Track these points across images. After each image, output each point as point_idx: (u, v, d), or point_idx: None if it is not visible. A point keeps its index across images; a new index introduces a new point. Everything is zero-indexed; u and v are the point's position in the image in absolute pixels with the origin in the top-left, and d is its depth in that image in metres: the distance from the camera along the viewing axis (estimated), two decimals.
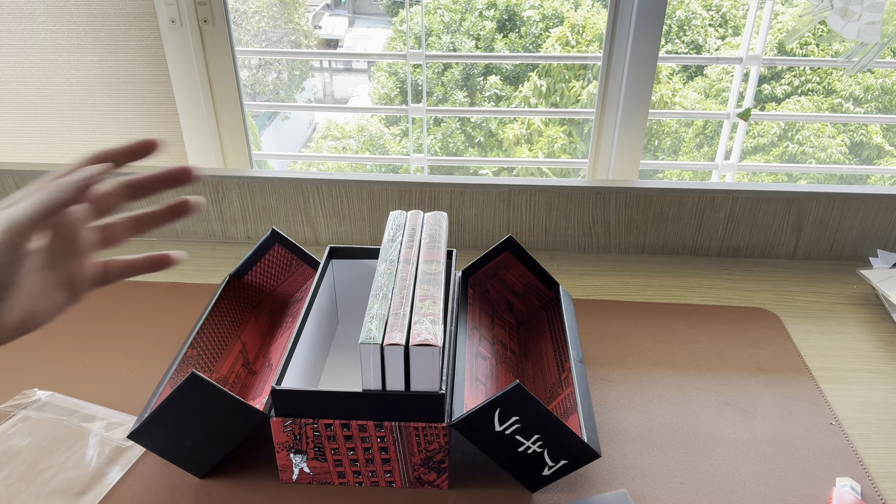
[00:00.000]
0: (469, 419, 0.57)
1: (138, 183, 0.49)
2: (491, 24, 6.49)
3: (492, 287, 0.80)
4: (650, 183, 1.02)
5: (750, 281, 0.98)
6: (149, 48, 1.13)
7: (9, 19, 1.12)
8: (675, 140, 6.30)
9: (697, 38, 6.24)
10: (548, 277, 0.78)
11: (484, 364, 0.69)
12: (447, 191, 1.01)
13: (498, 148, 6.33)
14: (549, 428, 0.57)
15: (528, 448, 0.58)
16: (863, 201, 0.99)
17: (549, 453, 0.58)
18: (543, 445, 0.58)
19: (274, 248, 0.79)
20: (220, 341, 0.71)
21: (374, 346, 0.55)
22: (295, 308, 0.78)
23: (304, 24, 7.56)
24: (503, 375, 0.69)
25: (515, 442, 0.58)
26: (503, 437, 0.58)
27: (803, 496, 0.63)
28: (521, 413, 0.56)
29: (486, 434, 0.58)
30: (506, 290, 0.80)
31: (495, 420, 0.57)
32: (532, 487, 0.62)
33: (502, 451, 0.59)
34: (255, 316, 0.78)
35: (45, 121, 1.20)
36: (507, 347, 0.74)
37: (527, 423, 0.57)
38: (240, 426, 0.60)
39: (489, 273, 0.79)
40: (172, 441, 0.61)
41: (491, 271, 0.79)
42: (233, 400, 0.58)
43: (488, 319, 0.76)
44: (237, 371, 0.70)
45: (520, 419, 0.57)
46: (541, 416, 0.56)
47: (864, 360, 0.82)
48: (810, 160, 5.84)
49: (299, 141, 7.62)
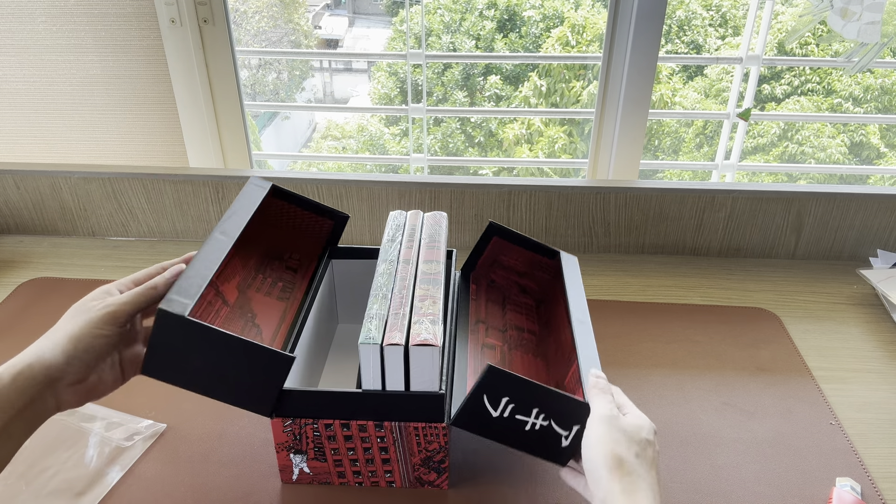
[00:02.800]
0: (463, 413, 0.56)
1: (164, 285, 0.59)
2: (491, 24, 6.49)
3: (496, 275, 0.79)
4: (650, 183, 1.02)
5: (750, 281, 0.98)
6: (149, 48, 1.13)
7: (9, 19, 1.12)
8: (675, 140, 6.30)
9: (697, 38, 6.24)
10: (546, 249, 0.76)
11: (492, 354, 0.68)
12: (447, 191, 1.01)
13: (498, 148, 6.33)
14: (543, 398, 0.55)
15: (535, 424, 0.56)
16: (863, 201, 0.99)
17: (556, 423, 0.56)
18: (547, 417, 0.56)
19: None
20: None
21: (373, 346, 0.55)
22: (287, 275, 0.76)
23: (304, 24, 7.56)
24: (517, 360, 0.69)
25: (518, 422, 0.56)
26: (505, 421, 0.56)
27: (803, 496, 0.63)
28: (508, 392, 0.55)
29: (488, 423, 0.57)
30: (511, 274, 0.79)
31: (488, 407, 0.56)
32: (561, 461, 0.58)
33: (511, 435, 0.57)
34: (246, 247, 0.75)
35: (45, 121, 1.20)
36: (523, 330, 0.74)
37: (518, 400, 0.55)
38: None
39: (487, 263, 0.79)
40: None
41: (488, 261, 0.79)
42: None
43: (498, 308, 0.75)
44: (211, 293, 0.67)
45: (510, 398, 0.55)
46: (528, 390, 0.55)
47: (864, 360, 0.82)
48: (810, 160, 5.84)
49: (299, 141, 7.62)
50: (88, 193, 1.05)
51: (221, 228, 0.63)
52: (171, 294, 0.54)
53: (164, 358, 0.55)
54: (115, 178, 1.04)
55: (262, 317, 0.69)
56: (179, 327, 0.53)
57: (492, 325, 0.72)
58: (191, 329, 0.53)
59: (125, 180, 1.04)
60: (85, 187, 1.05)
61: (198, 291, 0.55)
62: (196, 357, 0.55)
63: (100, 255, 1.03)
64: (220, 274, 0.69)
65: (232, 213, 0.66)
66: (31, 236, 1.09)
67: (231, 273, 0.71)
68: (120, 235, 1.09)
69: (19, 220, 1.08)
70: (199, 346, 0.54)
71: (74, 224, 1.08)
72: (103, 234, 1.09)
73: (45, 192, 1.06)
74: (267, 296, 0.72)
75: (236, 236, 0.63)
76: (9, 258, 1.02)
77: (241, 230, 0.64)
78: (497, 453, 0.67)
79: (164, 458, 0.66)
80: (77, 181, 1.04)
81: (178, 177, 1.03)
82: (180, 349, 0.54)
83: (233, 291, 0.69)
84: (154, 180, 1.04)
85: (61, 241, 1.08)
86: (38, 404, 0.50)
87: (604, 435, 0.51)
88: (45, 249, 1.05)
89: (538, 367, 0.69)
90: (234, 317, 0.67)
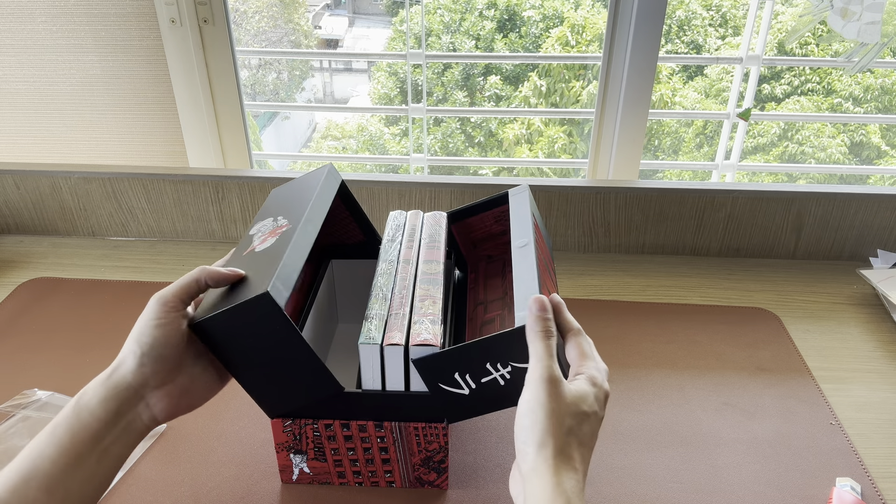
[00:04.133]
0: (444, 409, 0.56)
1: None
2: (491, 24, 6.49)
3: (488, 249, 0.79)
4: (650, 183, 1.02)
5: (750, 281, 0.98)
6: (149, 48, 1.13)
7: (9, 19, 1.12)
8: (675, 140, 6.30)
9: (697, 38, 6.24)
10: (498, 199, 0.73)
11: (491, 328, 0.67)
12: (447, 191, 1.01)
13: (498, 148, 6.33)
14: (482, 351, 0.53)
15: (503, 375, 0.54)
16: (863, 201, 0.99)
17: (517, 361, 0.53)
18: (505, 363, 0.53)
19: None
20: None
21: (373, 346, 0.55)
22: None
23: (304, 24, 7.56)
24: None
25: (489, 383, 0.54)
26: (479, 391, 0.55)
27: (803, 496, 0.63)
28: (451, 367, 0.54)
29: (470, 402, 0.56)
30: (495, 238, 0.78)
31: (453, 391, 0.55)
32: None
33: (499, 397, 0.55)
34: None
35: (45, 121, 1.20)
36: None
37: (466, 367, 0.54)
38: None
39: (469, 248, 0.78)
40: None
41: (468, 246, 0.78)
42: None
43: (498, 279, 0.74)
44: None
45: (459, 370, 0.54)
46: (462, 353, 0.53)
47: (864, 360, 0.82)
48: (810, 160, 5.84)
49: (299, 141, 7.62)
50: (88, 193, 1.05)
51: (307, 216, 0.60)
52: (275, 280, 0.51)
53: (229, 327, 0.52)
54: (115, 178, 1.04)
55: None
56: (269, 314, 0.50)
57: (491, 299, 0.71)
58: (276, 321, 0.51)
59: (125, 180, 1.04)
60: (85, 187, 1.05)
61: (292, 283, 0.53)
62: (259, 344, 0.53)
63: (100, 255, 1.03)
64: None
65: (304, 199, 0.62)
66: (31, 236, 1.09)
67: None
68: (120, 235, 1.09)
69: (19, 220, 1.08)
70: (272, 337, 0.52)
71: (74, 224, 1.08)
72: (103, 234, 1.09)
73: (45, 192, 1.06)
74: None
75: (320, 224, 0.61)
76: (9, 258, 1.02)
77: (324, 217, 0.62)
78: (497, 453, 0.67)
79: (164, 458, 0.66)
80: (77, 181, 1.04)
81: (178, 177, 1.03)
82: (251, 331, 0.52)
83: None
84: (154, 180, 1.04)
85: (61, 241, 1.08)
86: (130, 415, 0.50)
87: (536, 405, 0.45)
88: (45, 249, 1.05)
89: None
90: None
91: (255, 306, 0.50)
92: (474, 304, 0.73)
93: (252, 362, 0.54)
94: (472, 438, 0.69)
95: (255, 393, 0.56)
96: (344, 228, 0.77)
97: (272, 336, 0.52)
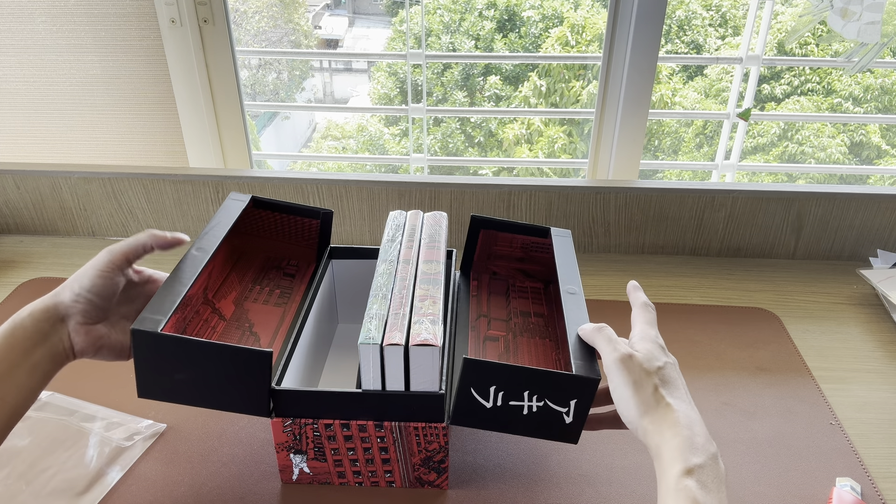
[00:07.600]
0: (458, 411, 0.56)
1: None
2: (491, 24, 6.49)
3: (496, 266, 0.79)
4: (650, 183, 1.02)
5: (750, 281, 0.98)
6: (149, 48, 1.13)
7: (9, 19, 1.12)
8: (675, 140, 6.30)
9: (697, 38, 6.24)
10: (537, 229, 0.75)
11: (495, 346, 0.68)
12: (447, 191, 1.01)
13: (498, 148, 6.33)
14: (529, 380, 0.55)
15: (531, 407, 0.56)
16: (863, 201, 0.99)
17: (551, 402, 0.55)
18: (541, 397, 0.55)
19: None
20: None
21: (373, 346, 0.55)
22: (285, 281, 0.76)
23: (304, 24, 7.56)
24: (522, 346, 0.68)
25: (514, 408, 0.56)
26: (500, 409, 0.56)
27: (803, 496, 0.63)
28: (493, 381, 0.55)
29: (485, 415, 0.56)
30: (510, 262, 0.79)
31: (480, 399, 0.55)
32: (571, 439, 0.57)
33: (512, 422, 0.57)
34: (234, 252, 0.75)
35: (45, 121, 1.20)
36: (530, 315, 0.73)
37: (506, 386, 0.55)
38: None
39: (483, 257, 0.79)
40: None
41: (483, 255, 0.78)
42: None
43: (502, 299, 0.75)
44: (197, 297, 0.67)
45: (497, 386, 0.55)
46: (511, 374, 0.54)
47: (864, 360, 0.82)
48: (810, 160, 5.84)
49: (299, 141, 7.62)
50: (88, 193, 1.05)
51: (198, 245, 0.64)
52: (143, 314, 0.55)
53: (151, 378, 0.56)
54: (115, 178, 1.04)
55: (259, 325, 0.69)
56: (155, 343, 0.54)
57: (495, 317, 0.72)
58: (165, 343, 0.54)
59: (125, 180, 1.04)
60: (85, 187, 1.05)
61: (171, 308, 0.56)
62: (179, 370, 0.56)
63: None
64: (216, 291, 0.70)
65: (209, 229, 0.67)
66: (31, 236, 1.09)
67: (228, 289, 0.71)
68: (120, 235, 1.09)
69: (19, 220, 1.08)
70: (179, 358, 0.55)
71: (74, 224, 1.08)
72: (103, 234, 1.09)
73: (45, 192, 1.06)
74: (265, 304, 0.72)
75: (212, 251, 0.64)
76: (9, 258, 1.02)
77: (217, 245, 0.65)
78: (497, 453, 0.67)
79: (164, 458, 0.66)
80: (77, 181, 1.04)
81: (178, 177, 1.03)
82: (163, 366, 0.56)
83: (230, 306, 0.70)
84: (154, 180, 1.04)
85: (61, 241, 1.08)
86: (55, 338, 0.56)
87: (620, 381, 0.52)
88: (45, 249, 1.05)
89: (546, 349, 0.69)
90: (230, 329, 0.67)
91: (140, 344, 0.55)
92: (477, 313, 0.73)
93: (199, 385, 0.57)
94: (472, 438, 0.69)
95: (229, 405, 0.58)
96: (298, 229, 0.78)
97: (179, 355, 0.55)
